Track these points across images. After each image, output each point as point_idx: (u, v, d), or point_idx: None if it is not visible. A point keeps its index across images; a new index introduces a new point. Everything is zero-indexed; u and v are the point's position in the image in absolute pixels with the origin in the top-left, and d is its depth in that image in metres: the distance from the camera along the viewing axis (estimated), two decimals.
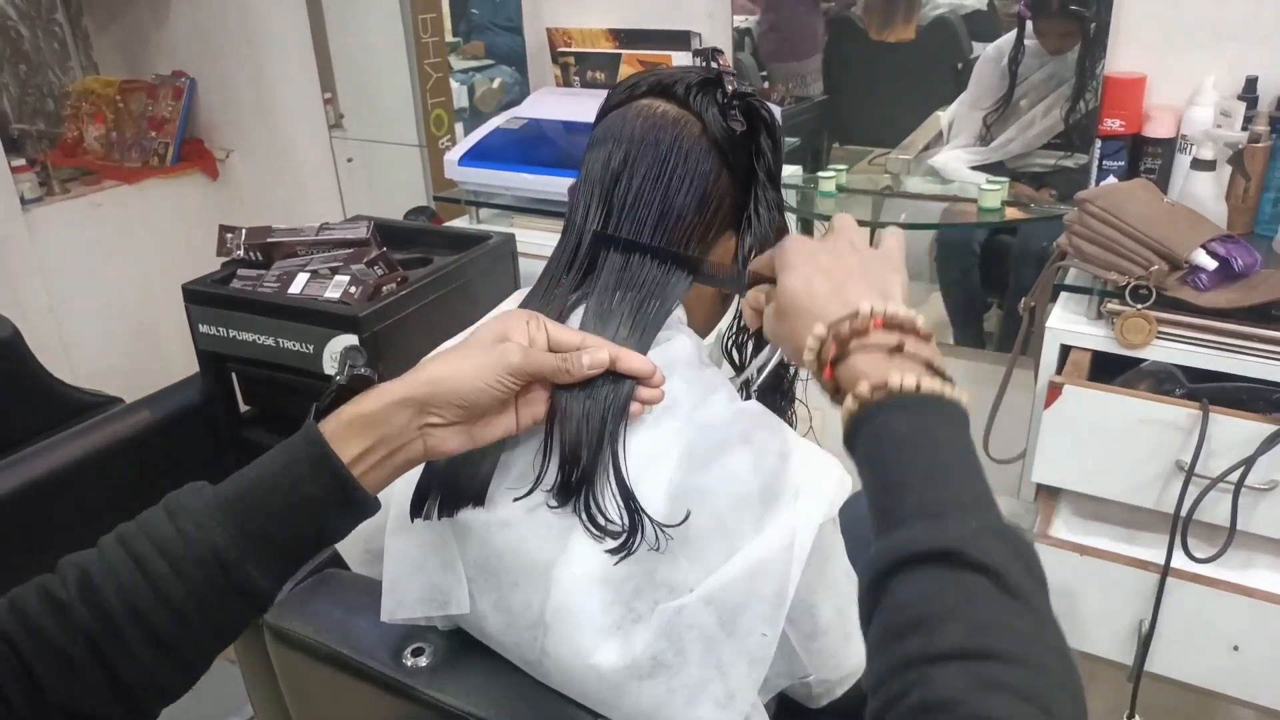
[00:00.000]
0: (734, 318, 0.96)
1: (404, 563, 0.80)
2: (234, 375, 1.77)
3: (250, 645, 0.90)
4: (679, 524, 0.70)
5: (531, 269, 1.42)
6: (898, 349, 0.60)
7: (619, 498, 0.71)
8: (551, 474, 0.74)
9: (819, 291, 0.64)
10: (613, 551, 0.71)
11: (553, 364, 0.72)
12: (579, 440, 0.73)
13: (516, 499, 0.75)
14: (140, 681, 0.64)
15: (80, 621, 0.62)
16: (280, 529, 0.67)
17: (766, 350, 0.92)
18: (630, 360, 0.74)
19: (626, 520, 0.71)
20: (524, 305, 0.84)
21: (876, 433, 0.57)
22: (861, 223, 1.94)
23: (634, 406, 0.74)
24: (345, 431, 0.68)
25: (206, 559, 0.64)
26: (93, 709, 0.63)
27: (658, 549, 0.71)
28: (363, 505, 0.69)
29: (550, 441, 0.74)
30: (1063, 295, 1.53)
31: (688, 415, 0.76)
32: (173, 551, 0.64)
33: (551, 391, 0.75)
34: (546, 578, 0.74)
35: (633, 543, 0.70)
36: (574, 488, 0.72)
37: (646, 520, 0.71)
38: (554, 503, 0.73)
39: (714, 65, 0.85)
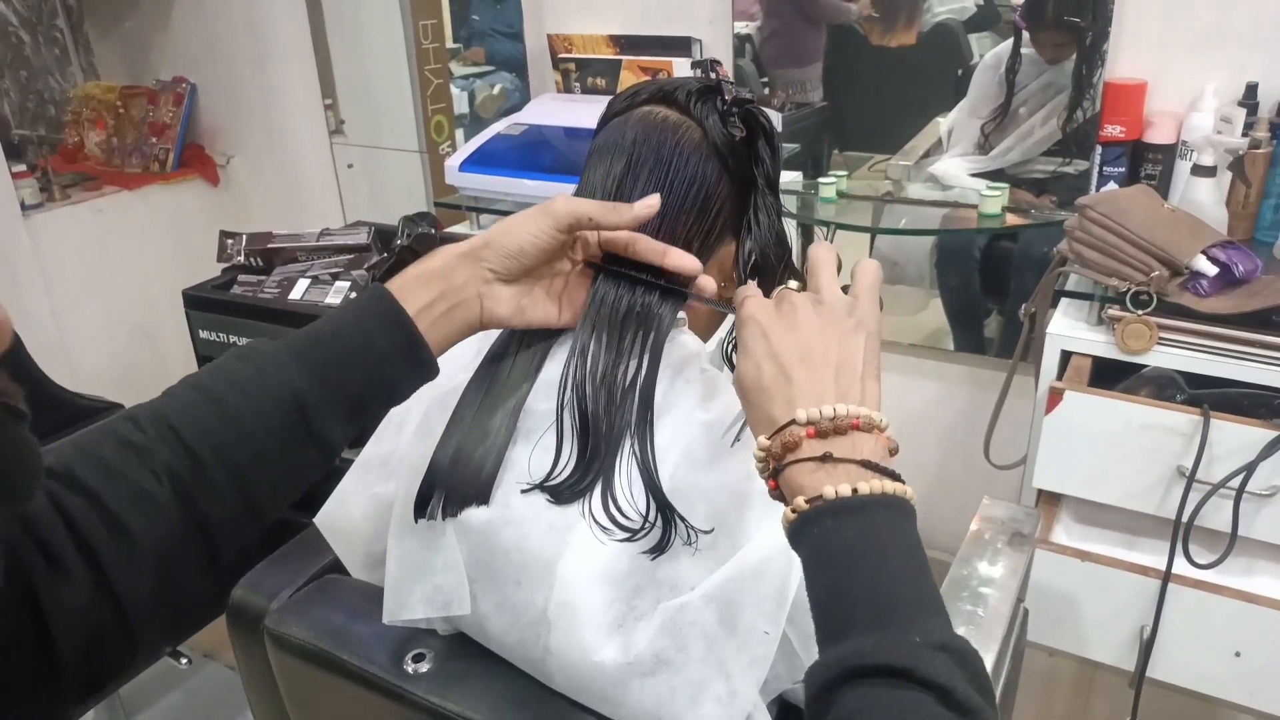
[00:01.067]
0: (734, 324, 0.96)
1: (406, 564, 0.79)
2: None
3: (251, 652, 0.89)
4: (709, 531, 0.71)
5: None
6: (828, 458, 0.58)
7: (650, 497, 0.71)
8: (562, 467, 0.74)
9: (766, 384, 0.63)
10: (650, 551, 0.71)
11: (597, 206, 0.74)
12: (598, 436, 0.73)
13: (524, 491, 0.75)
14: (222, 519, 0.64)
15: (163, 461, 0.62)
16: (354, 379, 0.69)
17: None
18: (680, 258, 0.75)
19: (649, 516, 0.71)
20: None
21: (818, 540, 0.57)
22: (860, 229, 1.96)
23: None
24: (411, 284, 0.72)
25: (285, 400, 0.66)
26: (181, 551, 0.62)
27: (689, 544, 0.71)
28: (426, 365, 0.73)
29: (562, 436, 0.74)
30: (1063, 301, 1.53)
31: (690, 414, 0.77)
32: (252, 391, 0.65)
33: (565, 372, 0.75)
34: (549, 575, 0.74)
35: (667, 540, 0.71)
36: (589, 484, 0.72)
37: (676, 520, 0.71)
38: (554, 500, 0.73)
39: (713, 75, 0.86)
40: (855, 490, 0.56)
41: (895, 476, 0.58)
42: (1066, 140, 1.79)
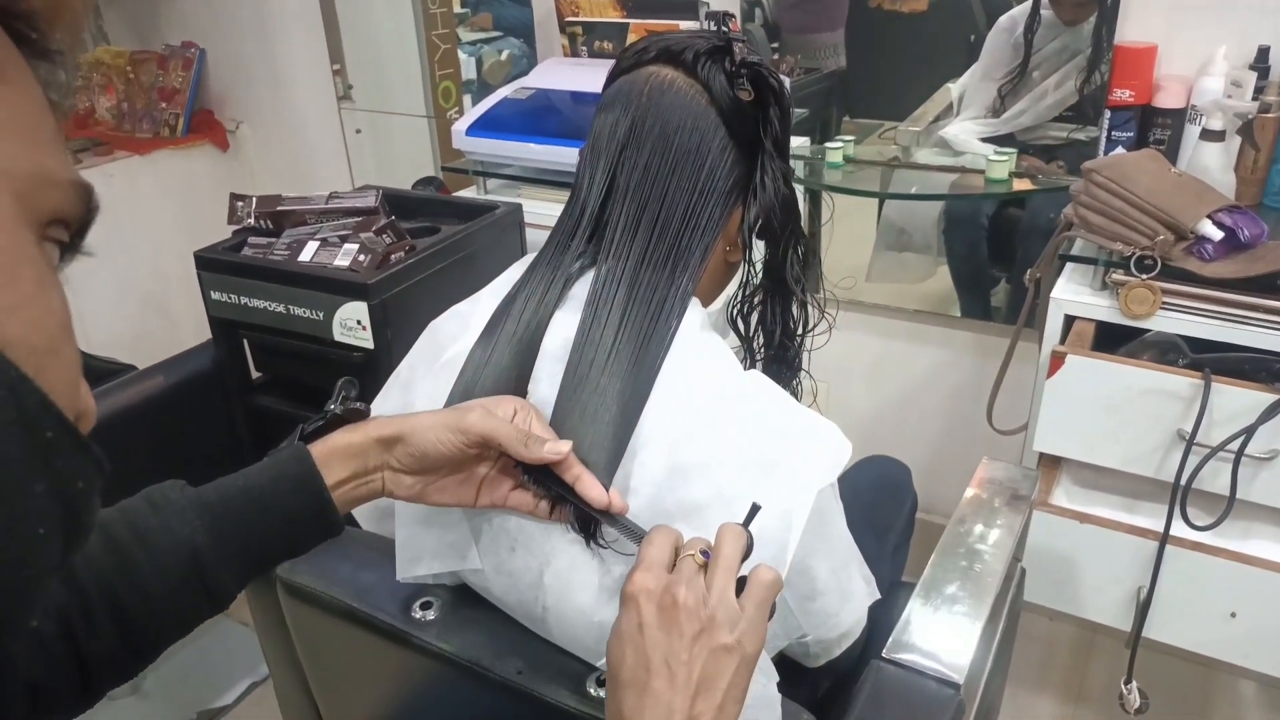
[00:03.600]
0: (740, 286, 0.97)
1: (415, 522, 0.81)
2: (245, 342, 1.79)
3: (264, 600, 0.92)
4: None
5: (538, 239, 1.44)
6: None
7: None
8: None
9: (625, 679, 0.61)
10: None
11: (511, 434, 0.71)
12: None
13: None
14: (99, 662, 0.66)
15: (55, 599, 0.64)
16: (256, 538, 0.71)
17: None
18: (589, 487, 0.71)
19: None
20: (529, 271, 0.85)
21: None
22: (866, 194, 1.96)
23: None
24: (331, 458, 0.73)
25: (184, 555, 0.67)
26: (54, 683, 0.64)
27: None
28: (332, 527, 0.74)
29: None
30: (1068, 266, 1.53)
31: (689, 384, 0.77)
32: (153, 543, 0.67)
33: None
34: (546, 541, 0.75)
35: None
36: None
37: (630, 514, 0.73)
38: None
39: (724, 30, 0.85)
40: None
41: None
42: (1082, 103, 1.78)
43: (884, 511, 1.28)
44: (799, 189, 1.94)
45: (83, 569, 0.65)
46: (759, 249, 0.91)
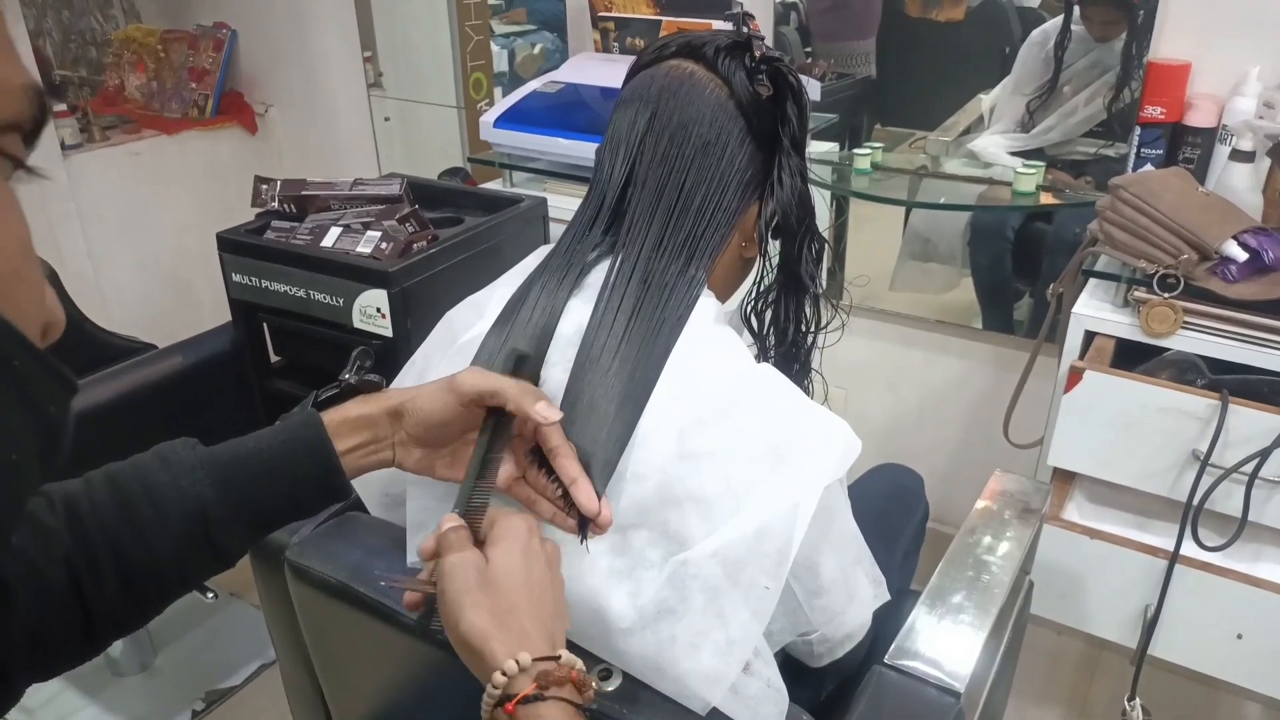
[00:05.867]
0: (754, 283, 0.97)
1: (428, 506, 0.82)
2: (265, 325, 1.80)
3: (272, 584, 0.92)
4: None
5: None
6: None
7: None
8: None
9: (476, 628, 0.63)
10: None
11: (510, 389, 0.72)
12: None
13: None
14: (103, 612, 0.67)
15: (62, 548, 0.65)
16: (264, 500, 0.72)
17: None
18: (581, 491, 0.72)
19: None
20: (547, 261, 0.85)
21: None
22: (893, 201, 1.95)
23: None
24: (342, 428, 0.74)
25: (192, 513, 0.68)
26: (58, 633, 0.65)
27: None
28: (339, 492, 0.75)
29: None
30: (1091, 282, 1.53)
31: (700, 372, 0.78)
32: (162, 499, 0.68)
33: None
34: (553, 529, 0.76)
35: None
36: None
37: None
38: None
39: (744, 28, 0.86)
40: None
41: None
42: (1110, 121, 1.77)
43: (895, 519, 1.28)
44: (824, 193, 1.94)
45: (90, 521, 0.66)
46: (774, 247, 0.92)
